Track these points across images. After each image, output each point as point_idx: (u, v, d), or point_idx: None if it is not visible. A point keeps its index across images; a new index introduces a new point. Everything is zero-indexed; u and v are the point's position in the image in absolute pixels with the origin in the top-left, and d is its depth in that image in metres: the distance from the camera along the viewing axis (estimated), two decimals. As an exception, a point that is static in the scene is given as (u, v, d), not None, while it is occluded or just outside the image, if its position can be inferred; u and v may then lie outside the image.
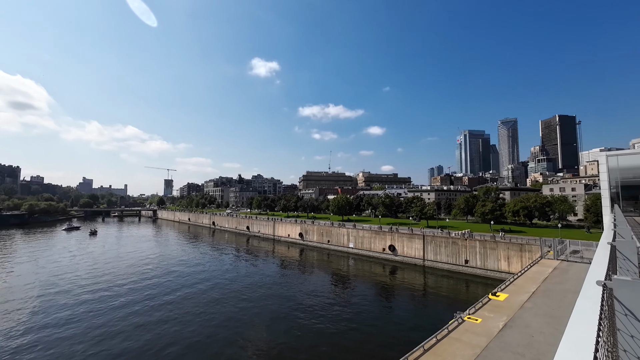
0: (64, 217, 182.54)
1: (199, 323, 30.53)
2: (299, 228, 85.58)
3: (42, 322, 30.63)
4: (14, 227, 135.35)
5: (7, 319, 31.52)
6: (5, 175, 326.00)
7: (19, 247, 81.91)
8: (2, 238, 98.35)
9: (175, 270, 54.26)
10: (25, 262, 61.46)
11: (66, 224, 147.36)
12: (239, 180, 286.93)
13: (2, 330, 28.69)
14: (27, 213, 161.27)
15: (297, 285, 44.73)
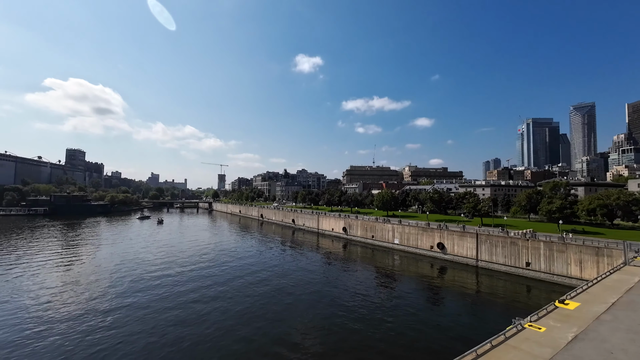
0: (137, 207, 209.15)
1: (246, 313, 32.50)
2: (342, 222, 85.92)
3: (123, 295, 35.78)
4: (100, 215, 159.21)
5: (96, 291, 37.46)
6: (93, 171, 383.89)
7: (105, 232, 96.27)
8: (92, 224, 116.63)
9: (229, 259, 58.69)
10: (110, 245, 72.05)
11: (139, 213, 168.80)
12: (284, 174, 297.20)
13: (93, 299, 34.23)
14: (110, 203, 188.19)
15: (341, 280, 45.07)
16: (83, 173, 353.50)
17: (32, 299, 34.77)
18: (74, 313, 30.74)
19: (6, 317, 29.78)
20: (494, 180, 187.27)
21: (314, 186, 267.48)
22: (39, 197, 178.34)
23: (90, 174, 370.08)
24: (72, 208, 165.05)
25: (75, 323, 28.35)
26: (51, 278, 43.64)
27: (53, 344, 24.44)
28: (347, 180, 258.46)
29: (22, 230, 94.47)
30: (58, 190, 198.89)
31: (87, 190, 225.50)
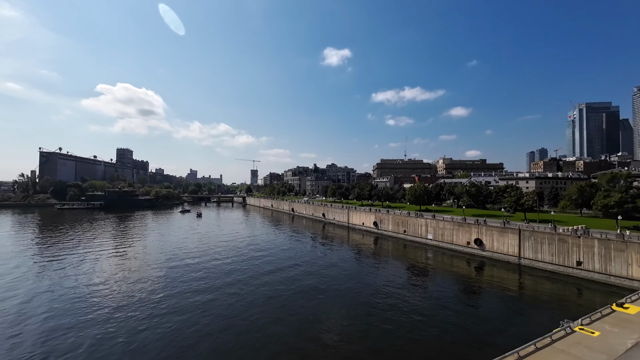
0: (178, 202, 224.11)
1: (276, 306, 33.38)
2: (373, 217, 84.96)
3: (167, 283, 38.89)
4: (146, 209, 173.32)
5: (146, 279, 41.08)
6: (139, 168, 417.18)
7: (151, 224, 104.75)
8: (140, 217, 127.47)
9: (263, 252, 60.90)
10: (157, 236, 78.32)
11: (180, 207, 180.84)
12: (314, 169, 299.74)
13: (144, 286, 37.64)
14: (155, 198, 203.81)
15: (372, 275, 44.77)
16: (131, 170, 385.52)
17: (93, 285, 39.08)
18: (127, 299, 34.04)
19: (73, 300, 33.82)
20: (539, 172, 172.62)
21: (344, 180, 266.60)
22: (95, 192, 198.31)
23: (137, 171, 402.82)
24: (123, 202, 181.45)
25: (128, 308, 31.39)
26: (107, 266, 48.65)
27: (109, 328, 27.32)
28: (378, 174, 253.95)
29: (83, 222, 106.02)
30: (111, 186, 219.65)
31: (135, 186, 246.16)
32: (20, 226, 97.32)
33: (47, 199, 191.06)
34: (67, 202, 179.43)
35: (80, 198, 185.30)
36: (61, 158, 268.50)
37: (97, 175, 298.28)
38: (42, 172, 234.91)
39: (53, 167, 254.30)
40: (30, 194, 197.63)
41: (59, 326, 26.73)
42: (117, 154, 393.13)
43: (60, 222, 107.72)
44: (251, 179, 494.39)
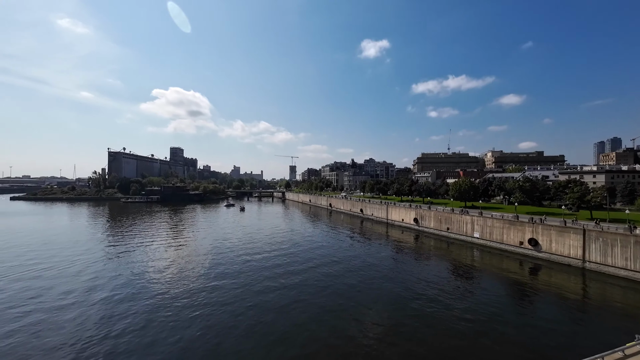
0: (223, 196, 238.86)
1: (315, 301, 34.25)
2: (413, 213, 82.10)
3: (217, 272, 41.98)
4: (196, 203, 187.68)
5: (196, 267, 44.79)
6: (189, 165, 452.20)
7: (200, 216, 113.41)
8: (191, 210, 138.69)
9: (301, 246, 62.51)
10: (205, 227, 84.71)
11: (225, 201, 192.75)
12: (352, 164, 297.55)
13: (194, 272, 41.15)
14: (202, 193, 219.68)
15: (412, 273, 43.40)
16: (182, 167, 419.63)
17: (153, 271, 43.65)
18: (181, 285, 37.45)
19: (136, 282, 38.19)
20: (610, 164, 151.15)
21: (382, 175, 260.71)
22: (153, 187, 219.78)
23: (187, 167, 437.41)
24: (176, 196, 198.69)
25: (181, 293, 34.55)
26: (165, 254, 53.97)
27: (160, 311, 30.35)
28: (418, 169, 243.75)
29: (144, 214, 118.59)
30: (165, 182, 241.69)
31: (186, 182, 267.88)
32: (95, 217, 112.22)
33: (114, 193, 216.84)
34: (130, 196, 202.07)
35: (141, 192, 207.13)
36: (125, 157, 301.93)
37: (154, 171, 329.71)
38: (110, 170, 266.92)
39: (119, 165, 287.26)
40: (101, 189, 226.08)
41: (121, 303, 30.51)
42: (170, 152, 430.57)
43: (126, 213, 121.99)
44: (290, 174, 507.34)
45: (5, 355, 21.71)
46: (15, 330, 25.16)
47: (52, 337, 24.07)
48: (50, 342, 23.29)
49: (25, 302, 31.16)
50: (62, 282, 37.52)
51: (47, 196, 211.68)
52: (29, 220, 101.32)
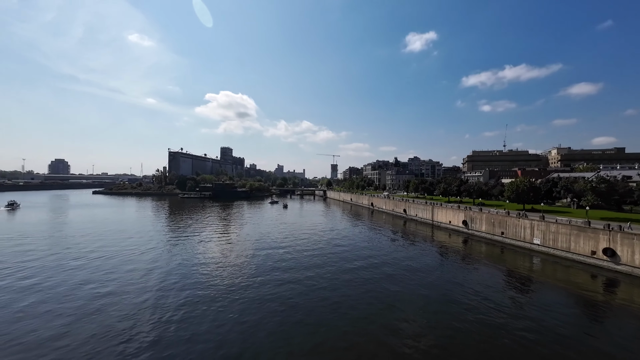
0: (268, 194, 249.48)
1: (356, 300, 33.83)
2: (462, 215, 76.83)
3: (263, 266, 44.16)
4: (243, 199, 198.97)
5: (244, 260, 47.57)
6: (237, 164, 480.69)
7: (247, 212, 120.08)
8: (238, 206, 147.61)
9: (342, 244, 62.50)
10: (252, 222, 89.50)
11: (270, 198, 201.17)
12: (395, 163, 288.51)
13: (242, 265, 43.77)
14: (249, 190, 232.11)
15: (460, 278, 40.56)
16: (231, 166, 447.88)
17: (205, 262, 47.48)
18: (232, 277, 40.10)
19: (192, 271, 41.87)
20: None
21: (428, 175, 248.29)
22: (206, 184, 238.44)
23: (236, 166, 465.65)
24: (225, 193, 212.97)
25: (231, 285, 37.00)
26: (216, 246, 58.35)
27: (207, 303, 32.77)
28: (469, 168, 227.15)
29: (198, 208, 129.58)
30: (216, 180, 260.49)
31: (234, 180, 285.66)
32: (158, 210, 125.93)
33: (173, 189, 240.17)
34: (186, 192, 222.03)
35: (195, 189, 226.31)
36: (182, 156, 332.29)
37: (207, 170, 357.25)
38: (170, 168, 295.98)
39: (177, 164, 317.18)
40: (163, 185, 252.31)
41: (179, 292, 33.71)
42: (221, 152, 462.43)
43: (183, 207, 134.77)
44: (331, 173, 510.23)
45: (75, 321, 25.52)
46: (83, 303, 29.46)
47: (114, 311, 27.69)
48: (113, 315, 26.83)
49: (100, 279, 36.25)
50: (129, 265, 42.80)
51: (120, 191, 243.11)
52: (107, 211, 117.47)
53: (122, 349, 21.98)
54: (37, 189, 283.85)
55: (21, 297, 31.18)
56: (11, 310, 28.16)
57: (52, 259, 45.81)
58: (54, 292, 32.65)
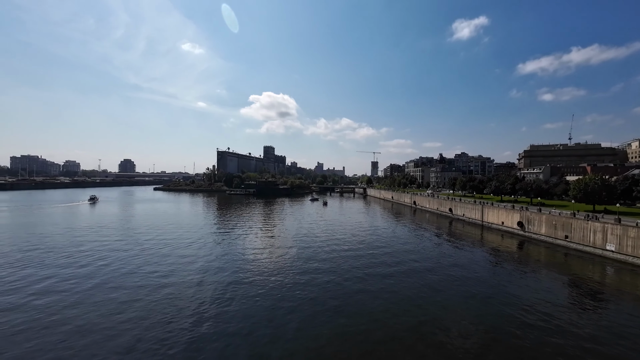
0: (308, 191, 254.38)
1: (396, 300, 32.86)
2: (517, 215, 70.22)
3: (304, 261, 45.38)
4: (284, 196, 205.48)
5: (286, 255, 49.34)
6: (279, 162, 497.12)
7: (289, 209, 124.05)
8: (280, 202, 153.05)
9: (382, 243, 61.22)
10: (294, 219, 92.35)
11: (310, 196, 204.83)
12: (439, 159, 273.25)
13: (284, 260, 45.48)
14: (290, 187, 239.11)
15: (514, 286, 36.95)
16: (273, 164, 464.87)
17: (251, 254, 50.31)
18: (275, 271, 41.93)
19: (239, 263, 44.65)
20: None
21: (477, 172, 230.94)
22: (250, 182, 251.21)
23: (277, 164, 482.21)
24: (268, 190, 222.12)
25: (274, 279, 38.67)
26: (260, 240, 61.54)
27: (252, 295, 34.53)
28: (525, 164, 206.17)
29: (243, 204, 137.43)
30: (260, 177, 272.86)
31: (276, 177, 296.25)
32: (208, 205, 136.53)
33: (221, 186, 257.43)
34: (233, 189, 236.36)
35: (241, 186, 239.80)
36: (229, 155, 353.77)
37: (251, 168, 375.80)
38: (218, 166, 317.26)
39: (224, 162, 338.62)
40: (212, 182, 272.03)
41: (225, 281, 36.20)
42: (264, 151, 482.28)
43: (230, 203, 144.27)
44: (371, 170, 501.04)
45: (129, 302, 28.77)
46: (141, 283, 33.09)
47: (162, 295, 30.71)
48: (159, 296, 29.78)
49: (155, 263, 40.48)
50: (183, 253, 47.09)
51: (176, 188, 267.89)
52: (166, 205, 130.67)
53: (169, 329, 24.43)
54: (109, 185, 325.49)
55: (94, 276, 36.29)
56: (86, 286, 32.97)
57: (122, 244, 52.39)
58: (120, 272, 37.39)
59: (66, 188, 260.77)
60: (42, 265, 40.91)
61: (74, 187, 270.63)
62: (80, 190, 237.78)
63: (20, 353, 20.88)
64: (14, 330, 23.86)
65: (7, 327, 24.30)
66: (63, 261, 43.13)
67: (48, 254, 46.94)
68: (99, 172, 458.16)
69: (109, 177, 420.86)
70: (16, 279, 35.44)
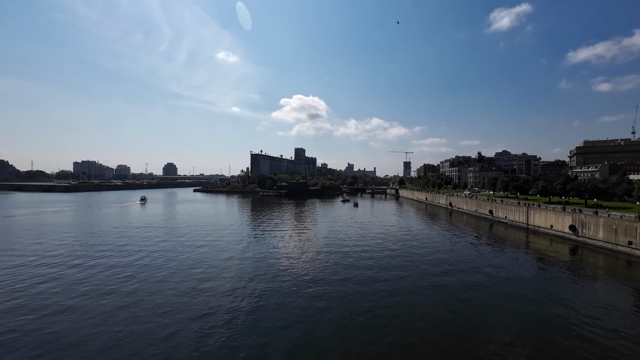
0: (338, 192, 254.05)
1: (438, 314, 31.61)
2: (569, 218, 64.17)
3: (336, 264, 45.64)
4: (315, 197, 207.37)
5: (318, 257, 49.93)
6: (310, 164, 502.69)
7: (319, 209, 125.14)
8: (311, 203, 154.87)
9: (417, 248, 59.02)
10: (325, 220, 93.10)
11: (341, 197, 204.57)
12: (478, 158, 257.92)
13: (317, 262, 46.08)
14: (321, 188, 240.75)
15: (568, 298, 33.30)
16: (304, 165, 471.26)
17: (284, 254, 51.66)
18: (307, 272, 42.69)
19: (271, 263, 46.11)
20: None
21: (521, 171, 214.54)
22: (282, 183, 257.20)
23: (308, 165, 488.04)
24: (299, 191, 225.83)
25: (306, 280, 39.40)
26: (292, 241, 62.83)
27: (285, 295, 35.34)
28: (578, 162, 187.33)
29: (275, 205, 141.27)
30: (291, 179, 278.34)
31: (307, 179, 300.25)
32: (243, 206, 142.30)
33: (255, 188, 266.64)
34: (265, 190, 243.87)
35: (273, 187, 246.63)
36: (262, 158, 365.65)
37: (282, 169, 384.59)
38: (252, 168, 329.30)
39: (257, 165, 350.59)
40: (246, 184, 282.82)
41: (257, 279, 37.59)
42: (295, 153, 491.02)
43: (264, 204, 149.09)
44: (404, 170, 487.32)
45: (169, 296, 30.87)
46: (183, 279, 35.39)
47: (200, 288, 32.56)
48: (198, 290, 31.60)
49: (194, 260, 43.16)
50: (220, 251, 49.68)
51: (213, 189, 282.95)
52: (204, 206, 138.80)
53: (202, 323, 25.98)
54: (155, 187, 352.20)
55: (143, 269, 39.72)
56: (136, 279, 36.23)
57: (166, 243, 56.73)
58: (165, 267, 40.52)
59: (119, 190, 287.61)
60: (101, 259, 45.71)
61: (125, 189, 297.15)
62: (131, 191, 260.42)
63: (84, 335, 23.63)
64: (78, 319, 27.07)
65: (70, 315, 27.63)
66: (129, 258, 47.78)
67: (103, 248, 52.31)
68: (145, 175, 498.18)
69: (154, 179, 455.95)
70: (83, 276, 39.97)
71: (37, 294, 31.95)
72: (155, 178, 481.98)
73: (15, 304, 29.40)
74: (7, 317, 26.73)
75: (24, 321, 25.97)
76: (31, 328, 24.81)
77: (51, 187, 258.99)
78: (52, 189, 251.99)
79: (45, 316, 26.98)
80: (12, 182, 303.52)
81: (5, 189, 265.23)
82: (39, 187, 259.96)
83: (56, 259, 45.80)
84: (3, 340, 22.97)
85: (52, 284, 35.19)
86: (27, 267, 41.66)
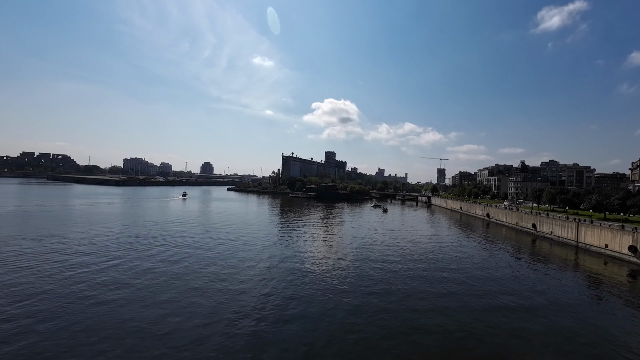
0: (368, 197, 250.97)
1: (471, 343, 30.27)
2: (629, 238, 57.18)
3: (361, 272, 44.98)
4: (344, 201, 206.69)
5: (344, 262, 49.62)
6: (340, 167, 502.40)
7: (348, 213, 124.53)
8: (340, 207, 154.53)
9: (452, 263, 55.95)
10: (353, 224, 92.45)
11: (371, 202, 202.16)
12: (521, 167, 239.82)
13: (341, 267, 45.80)
14: (350, 192, 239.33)
15: (628, 332, 29.39)
16: (334, 169, 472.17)
17: (309, 258, 52.05)
18: (330, 278, 42.58)
19: (296, 265, 46.66)
20: None
21: (570, 183, 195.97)
22: (311, 185, 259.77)
23: (338, 169, 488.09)
24: (328, 194, 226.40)
25: (330, 285, 39.32)
26: (319, 245, 63.16)
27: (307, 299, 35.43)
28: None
29: (304, 206, 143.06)
30: (320, 181, 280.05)
31: (336, 182, 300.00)
32: (273, 206, 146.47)
33: (285, 189, 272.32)
34: (295, 192, 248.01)
35: (302, 189, 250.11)
36: (292, 160, 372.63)
37: (312, 172, 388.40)
38: (282, 170, 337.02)
39: (288, 167, 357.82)
40: (277, 185, 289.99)
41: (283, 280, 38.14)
42: (325, 156, 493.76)
43: (293, 205, 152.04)
44: (437, 178, 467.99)
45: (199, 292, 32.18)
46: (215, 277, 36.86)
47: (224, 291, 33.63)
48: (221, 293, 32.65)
49: (221, 257, 44.90)
50: (247, 249, 51.33)
51: (246, 189, 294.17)
52: (237, 204, 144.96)
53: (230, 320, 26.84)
54: (193, 184, 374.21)
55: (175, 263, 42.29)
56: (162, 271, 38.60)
57: (202, 237, 59.96)
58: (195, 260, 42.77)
59: (161, 186, 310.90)
60: (142, 251, 49.49)
61: (166, 185, 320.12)
62: (172, 188, 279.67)
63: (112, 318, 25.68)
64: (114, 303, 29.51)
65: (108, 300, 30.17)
66: (169, 252, 51.40)
67: (148, 241, 56.55)
68: (185, 172, 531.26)
69: (192, 177, 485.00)
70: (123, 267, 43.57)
71: (78, 280, 35.40)
72: (193, 176, 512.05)
73: (47, 289, 32.59)
74: (37, 299, 29.95)
75: (52, 305, 28.66)
76: (62, 313, 27.47)
77: (104, 181, 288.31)
78: (105, 182, 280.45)
79: (80, 300, 29.82)
80: (72, 175, 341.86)
81: (67, 180, 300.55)
82: (94, 180, 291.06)
83: (104, 249, 50.57)
84: (31, 324, 25.73)
85: (112, 272, 38.79)
86: (70, 254, 46.40)
